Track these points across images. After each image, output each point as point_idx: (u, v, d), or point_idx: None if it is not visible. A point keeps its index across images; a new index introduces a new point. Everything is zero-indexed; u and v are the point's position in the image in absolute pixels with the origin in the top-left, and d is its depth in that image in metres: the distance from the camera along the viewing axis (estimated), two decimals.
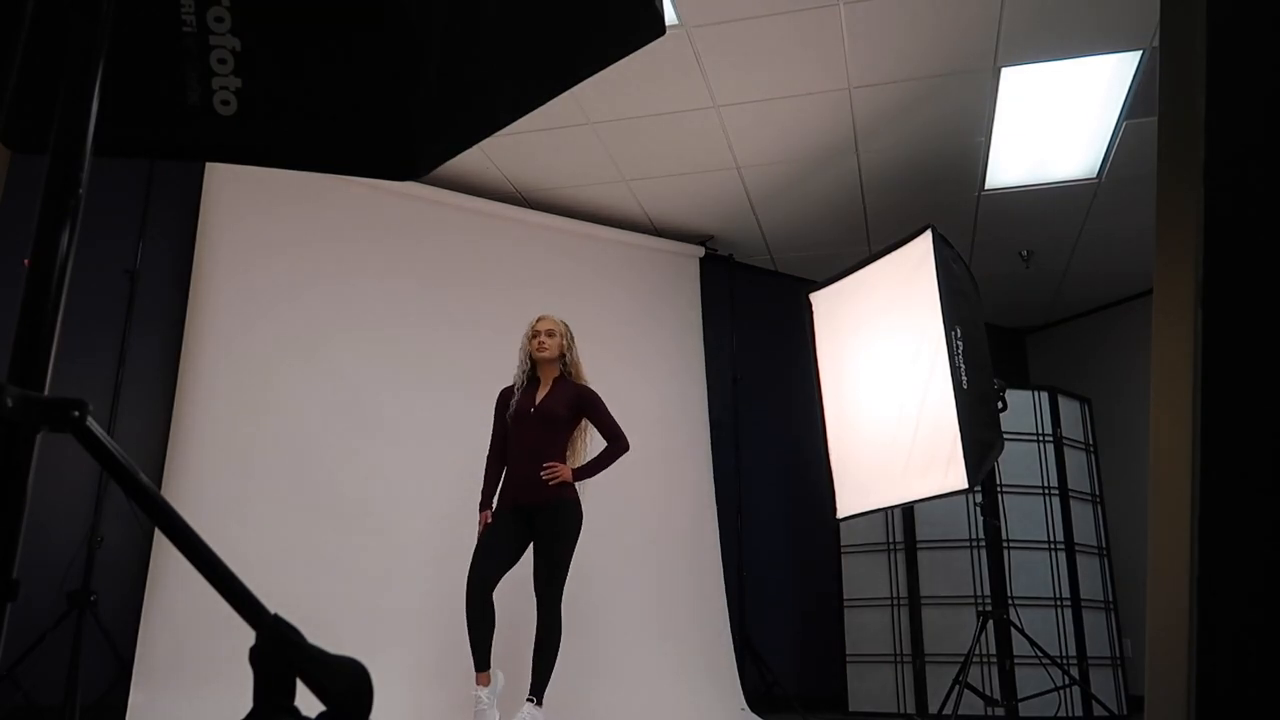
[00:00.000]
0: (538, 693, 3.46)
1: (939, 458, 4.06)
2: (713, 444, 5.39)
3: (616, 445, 3.76)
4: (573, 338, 3.86)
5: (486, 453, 3.83)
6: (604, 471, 3.75)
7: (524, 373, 3.81)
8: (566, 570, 3.60)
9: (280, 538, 4.03)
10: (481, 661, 3.44)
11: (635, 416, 3.60)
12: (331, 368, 4.40)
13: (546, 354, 3.76)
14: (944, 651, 4.88)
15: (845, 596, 5.38)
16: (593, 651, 4.41)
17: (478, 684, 3.45)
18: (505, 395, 3.85)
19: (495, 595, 3.51)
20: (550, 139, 4.65)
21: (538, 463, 3.62)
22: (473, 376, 4.56)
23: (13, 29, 0.93)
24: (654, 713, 4.23)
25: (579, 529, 3.66)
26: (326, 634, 0.99)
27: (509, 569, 3.60)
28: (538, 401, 3.73)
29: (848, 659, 5.29)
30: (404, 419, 4.50)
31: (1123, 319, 6.66)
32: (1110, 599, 5.25)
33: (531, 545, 3.65)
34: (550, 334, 3.78)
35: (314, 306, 4.44)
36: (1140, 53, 3.98)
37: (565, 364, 3.80)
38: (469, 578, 3.50)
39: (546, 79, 1.26)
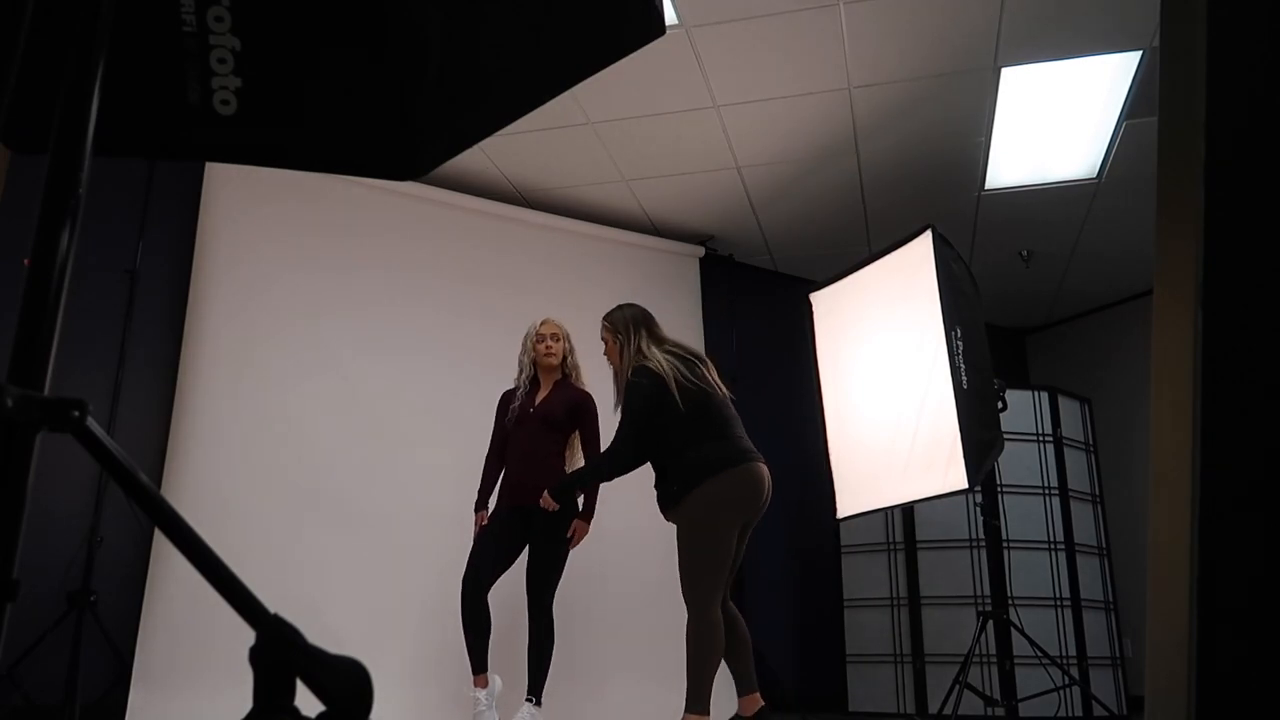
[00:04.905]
0: (536, 692, 3.47)
1: (939, 458, 4.06)
2: None
3: (593, 459, 3.64)
4: (572, 341, 3.87)
5: (486, 453, 3.83)
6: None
7: (526, 376, 3.82)
8: (561, 571, 3.60)
9: (280, 538, 4.03)
10: (478, 664, 3.45)
11: None
12: (332, 367, 4.40)
13: (553, 359, 3.76)
14: (944, 651, 4.87)
15: (845, 596, 5.37)
16: (591, 652, 4.41)
17: (475, 685, 3.45)
18: (507, 398, 3.85)
19: (490, 596, 3.51)
20: (550, 139, 4.65)
21: (536, 464, 3.62)
22: (473, 376, 4.56)
23: (13, 29, 0.93)
24: (652, 713, 4.23)
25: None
26: (326, 634, 0.99)
27: (505, 570, 3.60)
28: (537, 403, 3.73)
29: (848, 659, 5.29)
30: (404, 418, 4.50)
31: (1123, 319, 6.66)
32: (1110, 599, 5.24)
33: (527, 546, 3.65)
34: (556, 338, 3.79)
35: (314, 306, 4.44)
36: (1140, 53, 3.98)
37: (566, 367, 3.82)
38: (464, 579, 3.50)
39: (546, 79, 1.26)
